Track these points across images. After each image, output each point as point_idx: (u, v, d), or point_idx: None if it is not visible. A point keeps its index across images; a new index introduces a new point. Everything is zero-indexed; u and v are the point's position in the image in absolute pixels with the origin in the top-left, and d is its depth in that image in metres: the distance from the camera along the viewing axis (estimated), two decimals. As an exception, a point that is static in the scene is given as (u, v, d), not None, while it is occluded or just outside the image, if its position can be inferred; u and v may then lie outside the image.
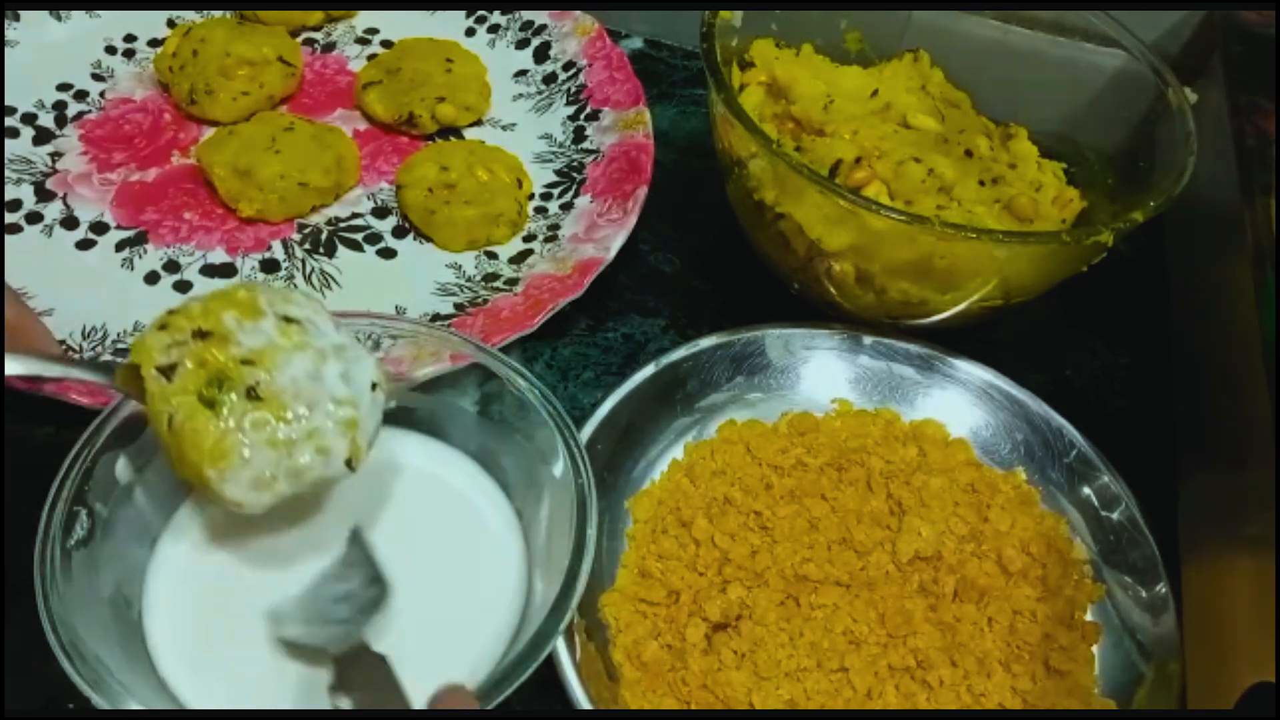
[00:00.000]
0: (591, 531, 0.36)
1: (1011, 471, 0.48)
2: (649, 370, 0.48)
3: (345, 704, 0.32)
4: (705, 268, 0.58)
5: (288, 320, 0.36)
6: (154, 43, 0.64)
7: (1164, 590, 0.44)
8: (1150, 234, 0.60)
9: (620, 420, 0.46)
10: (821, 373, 0.50)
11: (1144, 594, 0.44)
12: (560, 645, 0.38)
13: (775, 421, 0.49)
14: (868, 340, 0.51)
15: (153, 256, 0.53)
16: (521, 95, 0.64)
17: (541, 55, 0.66)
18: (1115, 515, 0.46)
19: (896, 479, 0.47)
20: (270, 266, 0.54)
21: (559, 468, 0.38)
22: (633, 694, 0.40)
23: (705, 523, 0.44)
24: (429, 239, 0.56)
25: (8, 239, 0.53)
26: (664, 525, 0.45)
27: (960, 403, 0.50)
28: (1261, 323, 0.44)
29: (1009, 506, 0.47)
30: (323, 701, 0.35)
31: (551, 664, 0.37)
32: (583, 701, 0.37)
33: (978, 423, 0.50)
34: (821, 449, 0.47)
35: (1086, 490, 0.47)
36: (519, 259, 0.55)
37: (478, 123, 0.62)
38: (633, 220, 0.54)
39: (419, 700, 0.32)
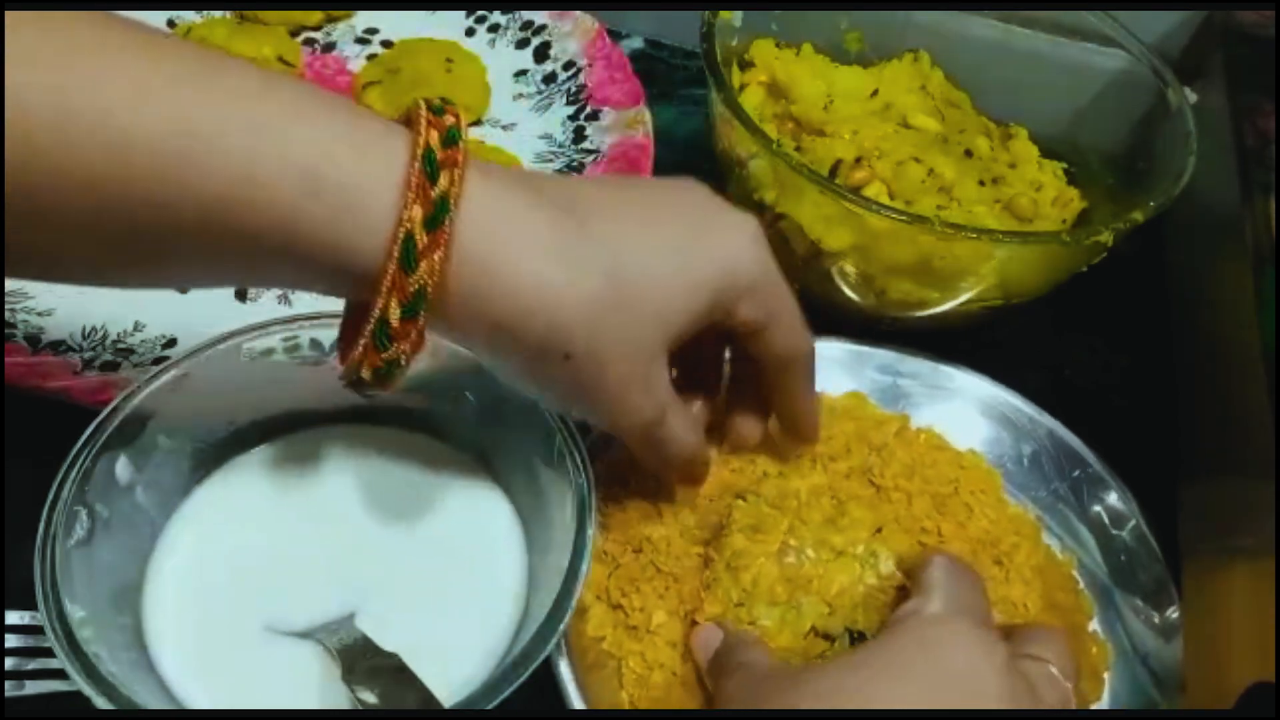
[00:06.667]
0: (591, 531, 0.36)
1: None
2: None
3: (366, 695, 0.32)
4: (705, 268, 0.58)
5: None
6: (154, 43, 0.64)
7: (1175, 615, 0.43)
8: (1150, 234, 0.60)
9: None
10: (826, 385, 0.49)
11: (1156, 619, 0.43)
12: (561, 645, 0.38)
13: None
14: (873, 353, 0.49)
15: (153, 256, 0.53)
16: (521, 95, 0.64)
17: (541, 55, 0.66)
18: (1124, 533, 0.45)
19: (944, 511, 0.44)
20: (270, 266, 0.54)
21: (559, 468, 0.38)
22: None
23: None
24: (429, 239, 0.56)
25: (8, 239, 0.53)
26: None
27: (967, 416, 0.49)
28: (1261, 323, 0.44)
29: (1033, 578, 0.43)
30: (322, 702, 0.35)
31: (551, 664, 0.37)
32: (583, 702, 0.37)
33: (985, 437, 0.48)
34: (891, 460, 0.45)
35: (1096, 508, 0.46)
36: (519, 259, 0.55)
37: (478, 123, 0.62)
38: (633, 220, 0.54)
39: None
